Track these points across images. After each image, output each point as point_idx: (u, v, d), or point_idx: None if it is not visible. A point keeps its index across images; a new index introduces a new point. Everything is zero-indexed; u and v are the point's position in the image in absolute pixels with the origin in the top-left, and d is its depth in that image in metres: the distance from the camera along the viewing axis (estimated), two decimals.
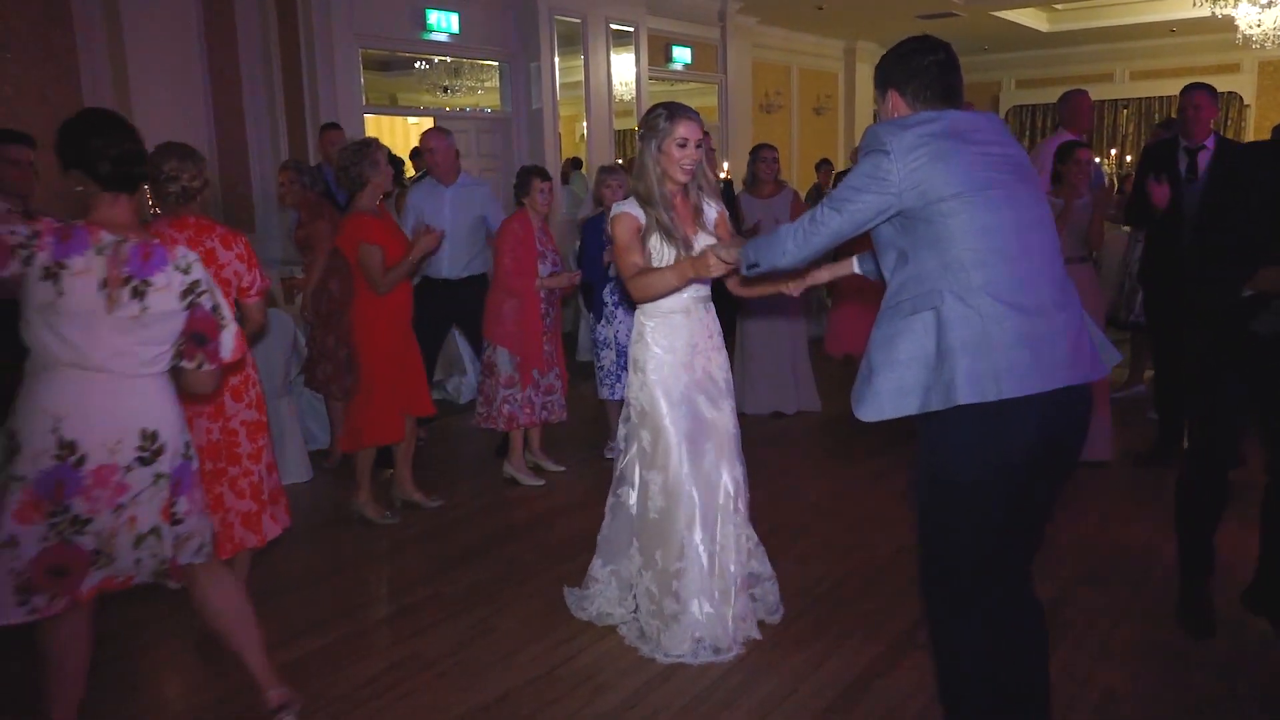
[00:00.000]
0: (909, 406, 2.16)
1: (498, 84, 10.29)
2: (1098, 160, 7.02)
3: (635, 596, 3.35)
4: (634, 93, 11.06)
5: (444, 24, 9.24)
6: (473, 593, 3.81)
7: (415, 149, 8.68)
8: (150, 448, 2.49)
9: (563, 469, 5.28)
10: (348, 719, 2.93)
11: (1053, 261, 2.22)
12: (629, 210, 3.13)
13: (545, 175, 5.04)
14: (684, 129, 3.03)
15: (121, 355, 2.46)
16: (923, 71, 2.27)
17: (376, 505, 4.63)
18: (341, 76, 8.31)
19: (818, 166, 11.60)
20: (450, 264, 5.38)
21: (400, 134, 11.81)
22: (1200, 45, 14.12)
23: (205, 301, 2.58)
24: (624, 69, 10.94)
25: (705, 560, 3.16)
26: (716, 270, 2.83)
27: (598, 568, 3.50)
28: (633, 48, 10.88)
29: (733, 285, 3.18)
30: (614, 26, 10.57)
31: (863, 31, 14.20)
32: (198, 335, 2.58)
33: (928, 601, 2.37)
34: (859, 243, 2.48)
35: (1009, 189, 2.18)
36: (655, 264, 3.09)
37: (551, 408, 5.11)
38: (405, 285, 4.46)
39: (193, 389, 2.66)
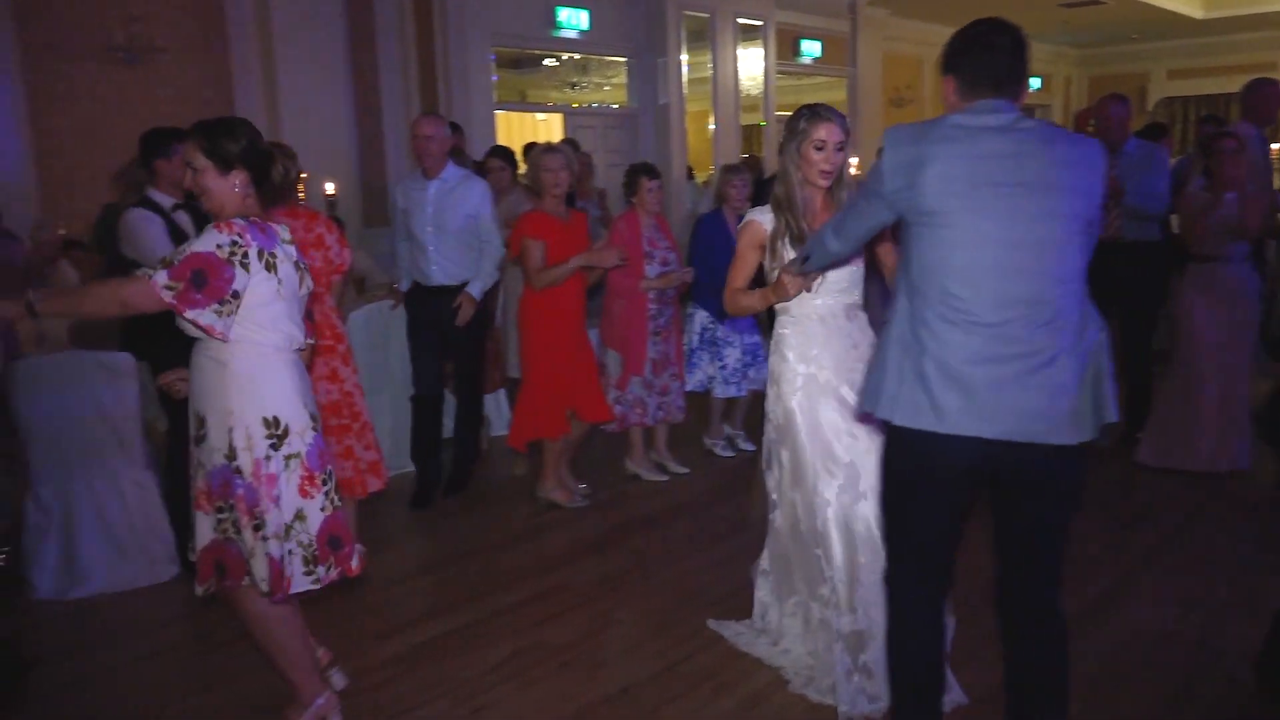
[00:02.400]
0: (868, 405, 2.28)
1: (625, 80, 10.37)
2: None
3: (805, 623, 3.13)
4: (761, 87, 10.97)
5: (574, 21, 9.37)
6: (597, 584, 3.84)
7: (527, 145, 8.80)
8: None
9: (687, 470, 5.22)
10: (472, 703, 2.99)
11: (1034, 302, 2.07)
12: (756, 219, 3.06)
13: (654, 173, 4.98)
14: (822, 131, 2.91)
15: (299, 331, 2.67)
16: (978, 56, 2.18)
17: (564, 490, 4.70)
18: (474, 74, 8.52)
19: None
20: (439, 268, 4.65)
21: (529, 130, 12.02)
22: None
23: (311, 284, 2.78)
24: (752, 63, 10.87)
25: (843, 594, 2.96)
26: (793, 290, 2.83)
27: (757, 597, 3.29)
28: (761, 42, 10.79)
29: None
30: (742, 21, 10.51)
31: None
32: (308, 312, 2.79)
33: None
34: None
35: (997, 218, 2.07)
36: None
37: (668, 408, 5.05)
38: (576, 286, 4.53)
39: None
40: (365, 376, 4.89)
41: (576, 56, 10.44)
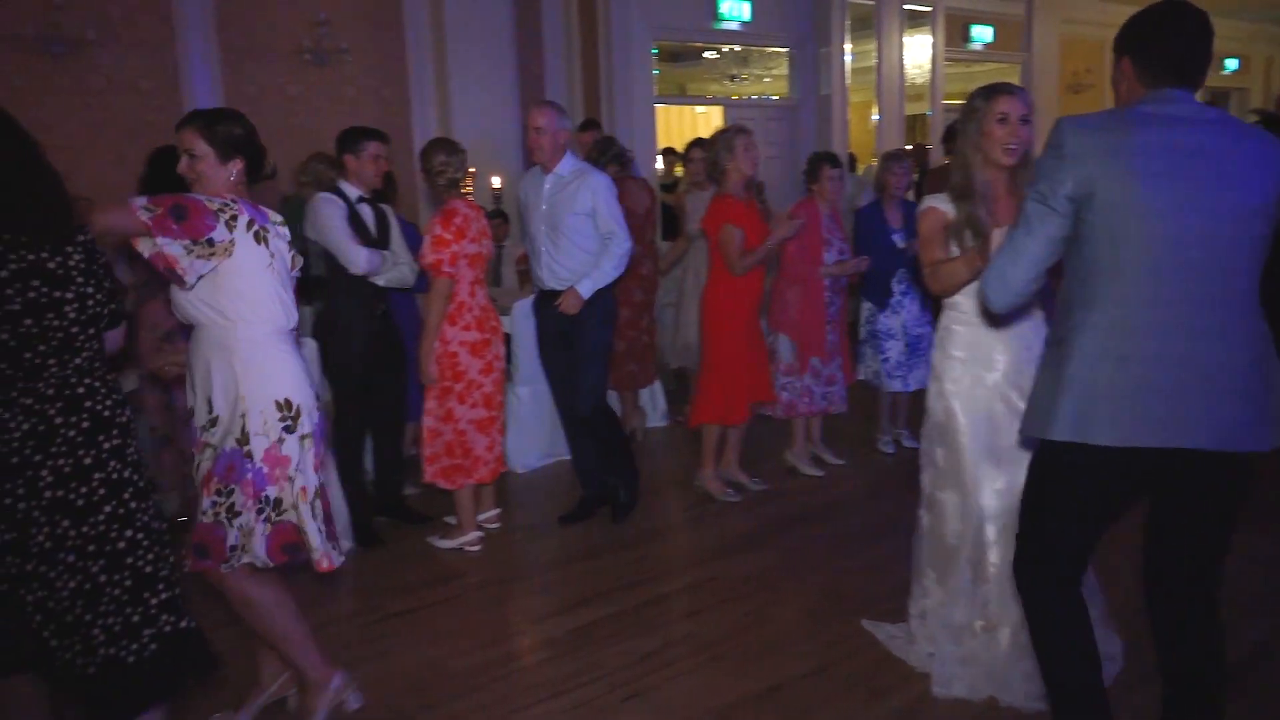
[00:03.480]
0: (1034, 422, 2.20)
1: (786, 71, 10.23)
2: None
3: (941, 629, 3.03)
4: (928, 75, 10.62)
5: (736, 13, 9.32)
6: (751, 579, 3.82)
7: (695, 140, 8.77)
8: None
9: (842, 462, 5.18)
10: (623, 690, 3.02)
11: (1216, 304, 1.96)
12: (936, 205, 2.88)
13: (836, 162, 4.98)
14: (1003, 103, 2.69)
15: (295, 314, 2.70)
16: (1163, 41, 2.05)
17: (718, 482, 4.73)
18: (636, 69, 8.61)
19: None
20: (550, 271, 4.25)
21: (688, 124, 12.05)
22: None
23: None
24: (918, 51, 10.53)
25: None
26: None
27: (912, 602, 3.16)
28: (928, 28, 10.44)
29: None
30: (909, 7, 10.20)
31: None
32: None
33: None
34: None
35: (1183, 215, 1.95)
36: None
37: (832, 399, 5.03)
38: (758, 272, 4.55)
39: None
40: (523, 365, 5.07)
41: (737, 48, 10.38)
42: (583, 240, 4.15)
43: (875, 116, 10.40)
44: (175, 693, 2.35)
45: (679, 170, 8.48)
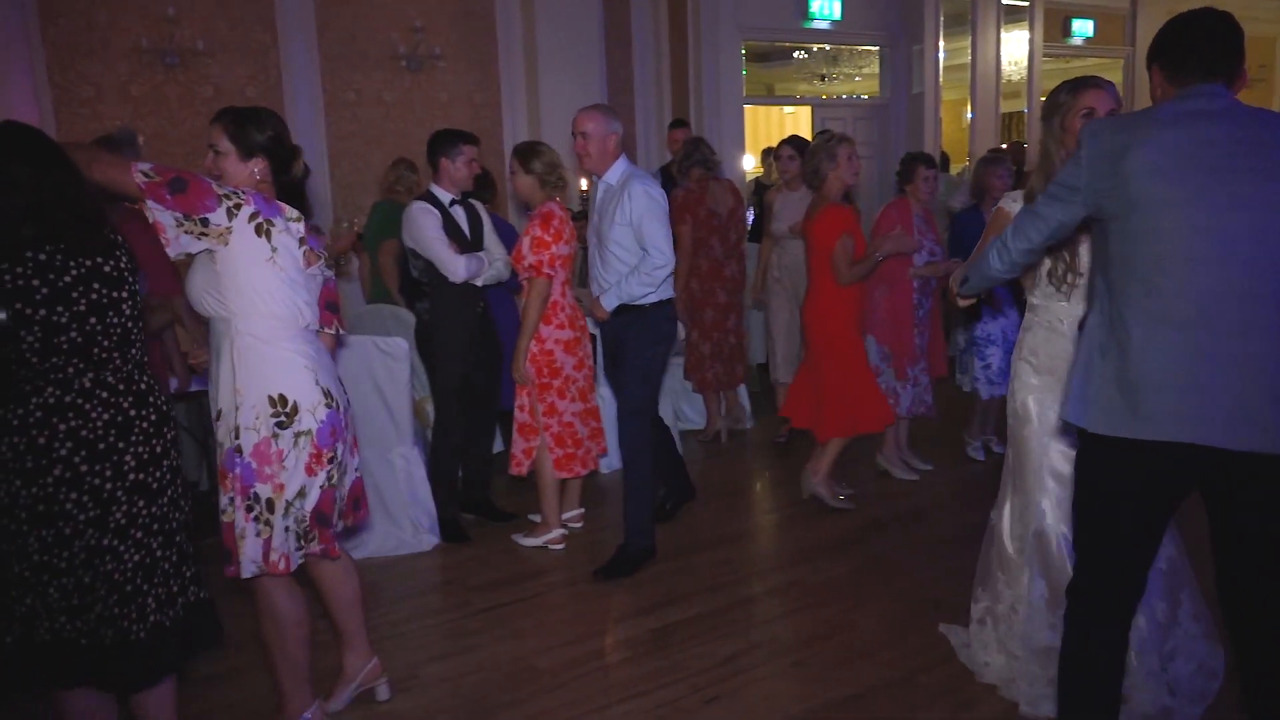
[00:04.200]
0: (1067, 413, 2.20)
1: (876, 70, 10.09)
2: None
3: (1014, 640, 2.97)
4: (1024, 73, 10.35)
5: (827, 11, 9.23)
6: (835, 584, 3.79)
7: (788, 138, 8.74)
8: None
9: (930, 466, 5.09)
10: (706, 693, 3.03)
11: (1251, 296, 1.93)
12: (1007, 206, 2.86)
13: (931, 162, 4.89)
14: (1089, 98, 2.62)
15: (312, 313, 2.68)
16: (1186, 41, 2.05)
17: (831, 486, 4.68)
18: (724, 70, 8.60)
19: None
20: (598, 285, 4.00)
21: (775, 124, 11.97)
22: None
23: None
24: (1015, 47, 10.27)
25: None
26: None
27: (974, 605, 3.12)
28: (1026, 23, 10.17)
29: None
30: (1006, 2, 9.95)
31: None
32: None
33: None
34: None
35: (1211, 206, 1.94)
36: None
37: (920, 402, 4.94)
38: (861, 283, 4.50)
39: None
40: (603, 367, 5.11)
41: (826, 48, 10.27)
42: (624, 253, 3.87)
43: (969, 115, 10.18)
44: (196, 653, 2.48)
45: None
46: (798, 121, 11.21)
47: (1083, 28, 10.97)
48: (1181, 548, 2.84)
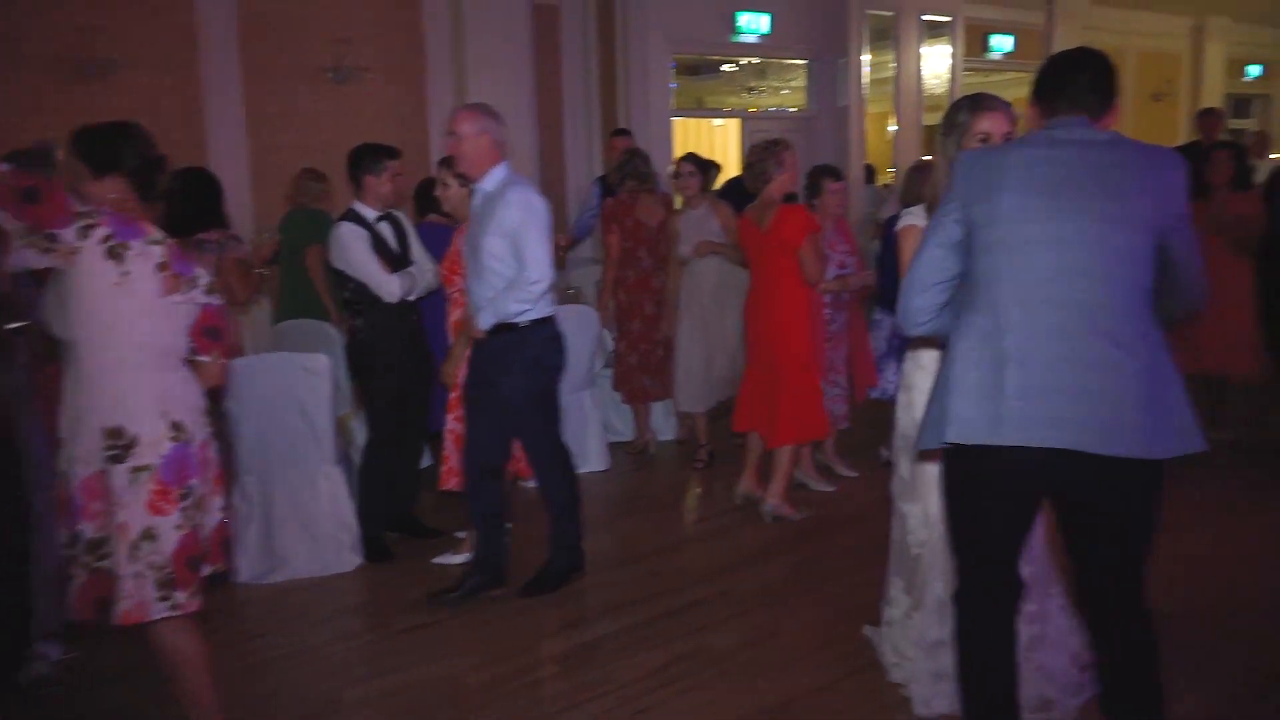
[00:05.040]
0: (929, 435, 2.27)
1: (803, 83, 10.25)
2: None
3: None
4: (946, 86, 10.60)
5: (755, 25, 9.36)
6: (762, 593, 3.81)
7: (686, 155, 8.79)
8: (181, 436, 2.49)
9: (856, 474, 5.14)
10: (633, 705, 3.02)
11: (1098, 308, 2.04)
12: (914, 222, 2.89)
13: (838, 175, 4.92)
14: (986, 122, 2.61)
15: (171, 341, 2.51)
16: (1057, 78, 2.20)
17: (790, 504, 4.65)
18: (653, 82, 8.66)
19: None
20: (468, 298, 3.76)
21: (705, 136, 12.08)
22: None
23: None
24: (936, 61, 10.52)
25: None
26: None
27: (885, 608, 3.16)
28: (948, 38, 10.43)
29: None
30: (928, 18, 10.20)
31: (1215, 6, 12.67)
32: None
33: None
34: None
35: (1064, 223, 2.06)
36: None
37: (835, 414, 4.95)
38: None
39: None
40: None
41: (755, 61, 10.41)
42: (500, 265, 3.56)
43: (892, 127, 10.39)
44: None
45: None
46: (727, 134, 11.33)
47: (1001, 43, 11.29)
48: (1046, 541, 2.87)
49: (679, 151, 9.62)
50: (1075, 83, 2.17)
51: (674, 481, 5.36)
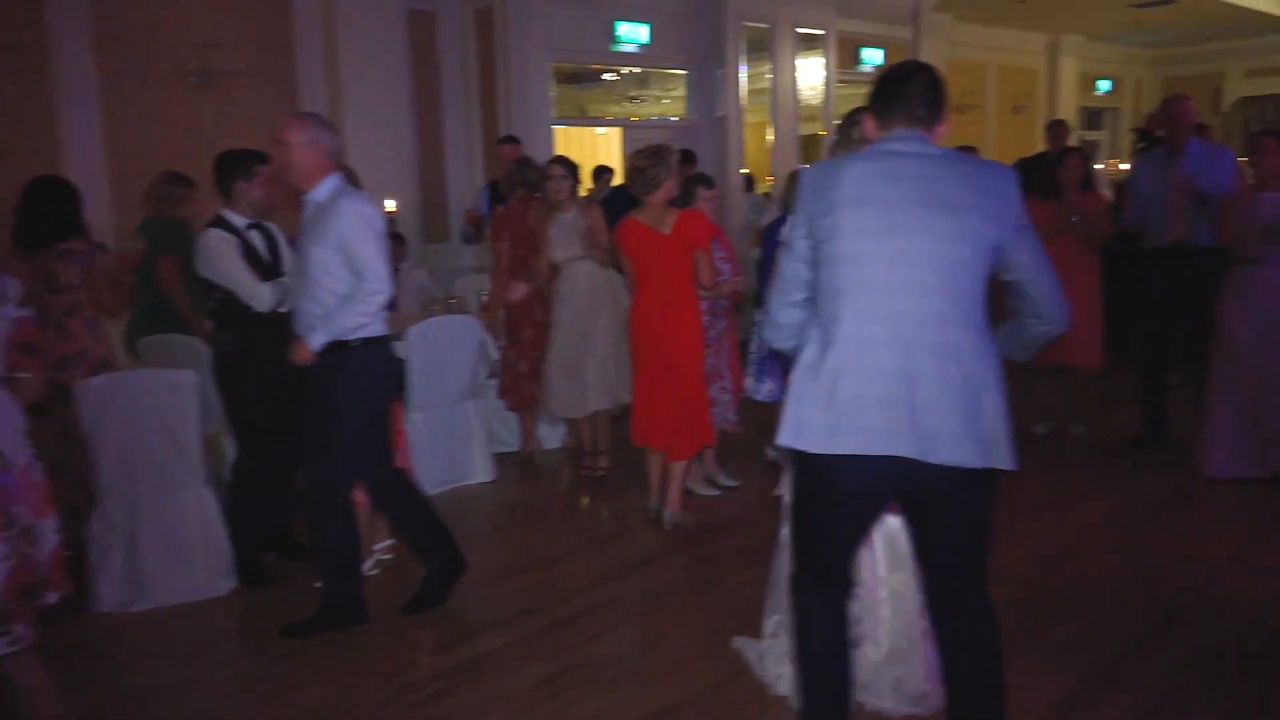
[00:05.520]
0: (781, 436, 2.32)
1: (684, 93, 10.38)
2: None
3: None
4: (820, 97, 10.90)
5: (634, 35, 9.43)
6: (648, 599, 3.82)
7: (598, 167, 8.89)
8: None
9: (738, 484, 5.14)
10: (524, 718, 2.98)
11: (933, 320, 2.12)
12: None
13: (710, 183, 4.97)
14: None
15: None
16: (892, 93, 2.26)
17: (686, 511, 4.66)
18: (533, 89, 8.63)
19: (1018, 165, 11.02)
20: (295, 315, 3.57)
21: (588, 145, 12.10)
22: None
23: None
24: (811, 73, 10.80)
25: None
26: None
27: (767, 619, 3.16)
28: (821, 51, 10.72)
29: None
30: (802, 31, 10.47)
31: (1068, 24, 13.42)
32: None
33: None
34: None
35: (900, 238, 2.13)
36: None
37: (718, 420, 4.97)
38: None
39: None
40: (418, 391, 4.99)
41: (636, 70, 10.49)
42: (331, 280, 3.39)
43: (770, 137, 10.62)
44: None
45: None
46: (609, 142, 11.38)
47: (872, 56, 11.68)
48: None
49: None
50: (906, 95, 2.24)
51: (561, 490, 5.33)
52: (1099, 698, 2.95)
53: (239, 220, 3.98)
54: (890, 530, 2.82)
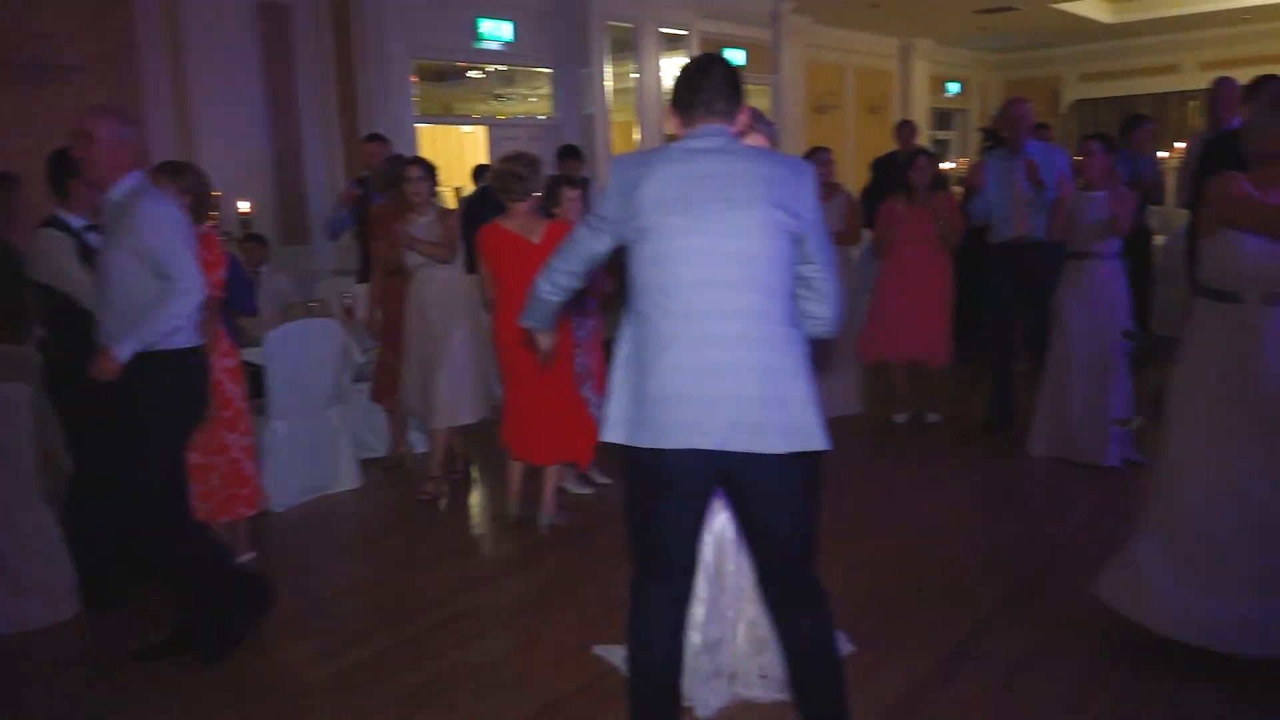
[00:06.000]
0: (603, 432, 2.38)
1: (550, 91, 10.34)
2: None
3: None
4: None
5: (497, 33, 9.34)
6: (520, 601, 3.80)
7: (478, 166, 8.77)
8: None
9: (610, 481, 5.11)
10: None
11: (741, 314, 2.17)
12: None
13: (575, 183, 4.99)
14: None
15: None
16: (692, 88, 2.29)
17: (560, 511, 4.62)
18: (394, 87, 8.44)
19: (872, 166, 11.42)
20: (99, 323, 3.28)
21: (454, 144, 11.92)
22: (1276, 33, 13.61)
23: None
24: (676, 72, 10.92)
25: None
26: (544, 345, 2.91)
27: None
28: (685, 51, 10.85)
29: None
30: (665, 31, 10.57)
31: (919, 28, 13.98)
32: None
33: None
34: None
35: (704, 233, 2.17)
36: None
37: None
38: None
39: None
40: (278, 398, 4.81)
41: (502, 68, 10.40)
42: (129, 286, 3.15)
43: (637, 136, 10.70)
44: None
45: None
46: (476, 141, 11.24)
47: (734, 56, 11.87)
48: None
49: (431, 157, 9.46)
50: (704, 89, 2.27)
51: (423, 497, 5.22)
52: (957, 674, 3.08)
53: (76, 221, 3.75)
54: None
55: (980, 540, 4.20)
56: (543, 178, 4.36)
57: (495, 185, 4.45)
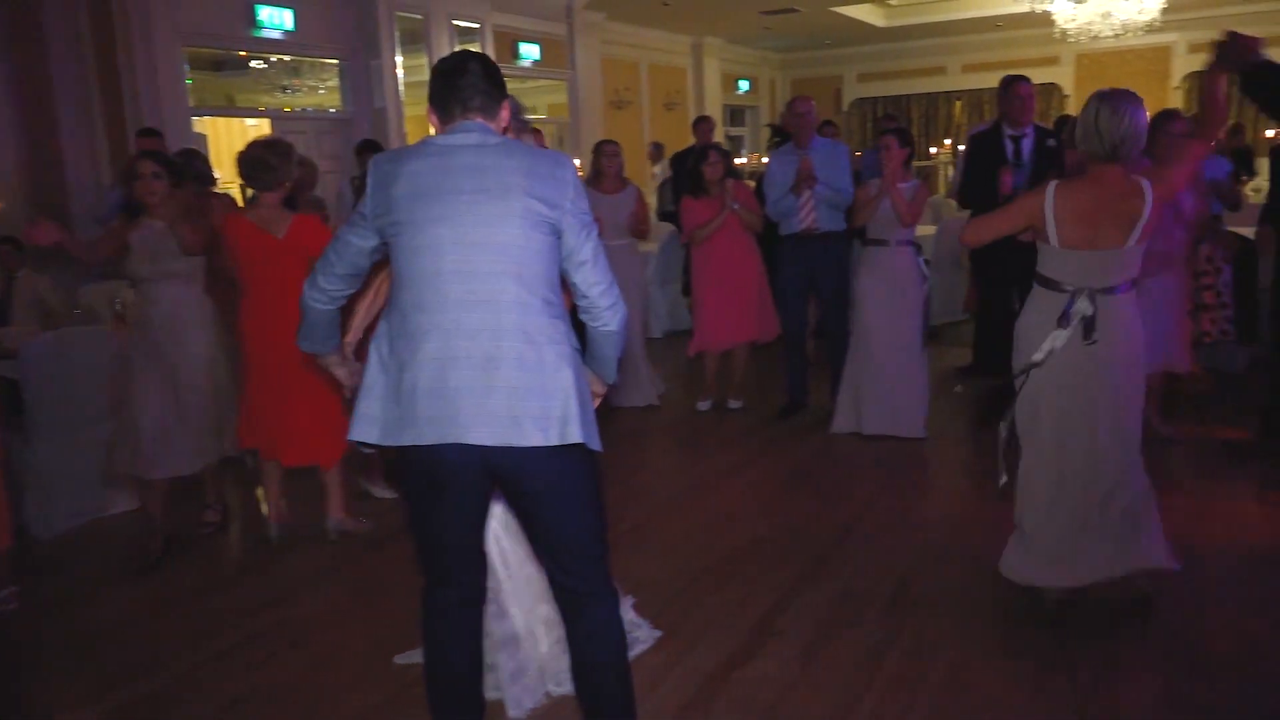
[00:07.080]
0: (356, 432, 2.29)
1: (338, 83, 9.95)
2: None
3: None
4: None
5: (277, 20, 8.88)
6: (317, 618, 3.62)
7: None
8: None
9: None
10: None
11: (495, 305, 2.15)
12: None
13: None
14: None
15: None
16: (449, 85, 2.26)
17: (354, 517, 4.41)
18: (164, 77, 7.86)
19: (671, 160, 11.66)
20: None
21: (239, 137, 11.27)
22: (1023, 39, 14.93)
23: None
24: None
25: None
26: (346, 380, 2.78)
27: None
28: (478, 44, 10.70)
29: None
30: (458, 23, 10.39)
31: (709, 28, 14.41)
32: None
33: None
34: None
35: (456, 224, 2.15)
36: None
37: None
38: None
39: None
40: (41, 418, 4.38)
41: (287, 58, 9.91)
42: None
43: (433, 130, 10.45)
44: None
45: None
46: (261, 134, 10.67)
47: (530, 51, 11.84)
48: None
49: (213, 153, 8.88)
50: (460, 86, 2.23)
51: (222, 512, 4.91)
52: (761, 648, 3.19)
53: None
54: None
55: (780, 519, 4.37)
56: (295, 168, 4.12)
57: (241, 172, 4.11)
